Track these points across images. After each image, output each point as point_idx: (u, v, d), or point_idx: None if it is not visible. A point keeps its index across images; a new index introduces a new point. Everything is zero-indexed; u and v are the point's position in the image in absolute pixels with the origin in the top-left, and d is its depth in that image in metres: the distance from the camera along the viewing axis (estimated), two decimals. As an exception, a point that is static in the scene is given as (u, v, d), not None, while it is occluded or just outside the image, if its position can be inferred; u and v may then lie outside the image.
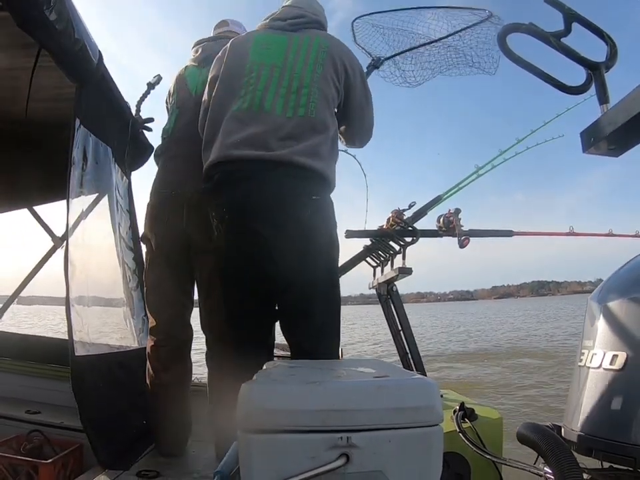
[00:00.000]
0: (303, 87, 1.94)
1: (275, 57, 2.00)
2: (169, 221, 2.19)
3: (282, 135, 1.86)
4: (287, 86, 1.94)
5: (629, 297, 1.42)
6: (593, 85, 1.35)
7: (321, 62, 2.00)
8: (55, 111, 2.75)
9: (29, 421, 2.56)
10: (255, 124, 1.88)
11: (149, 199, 2.30)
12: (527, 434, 1.45)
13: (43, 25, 1.75)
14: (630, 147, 1.27)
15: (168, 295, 2.25)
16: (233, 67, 2.03)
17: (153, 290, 2.30)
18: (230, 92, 1.97)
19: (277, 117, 1.89)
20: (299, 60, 1.99)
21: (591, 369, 1.44)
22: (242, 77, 1.97)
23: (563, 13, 1.34)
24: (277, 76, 1.96)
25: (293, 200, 1.84)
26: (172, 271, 2.24)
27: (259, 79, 1.95)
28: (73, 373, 1.98)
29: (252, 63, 1.99)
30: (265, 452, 0.89)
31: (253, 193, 1.81)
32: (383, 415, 0.91)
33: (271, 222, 1.81)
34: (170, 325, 2.26)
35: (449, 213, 2.60)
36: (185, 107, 2.32)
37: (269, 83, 1.95)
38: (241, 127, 1.88)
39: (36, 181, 3.45)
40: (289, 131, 1.87)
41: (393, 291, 2.57)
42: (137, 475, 1.98)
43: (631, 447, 1.25)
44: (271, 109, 1.90)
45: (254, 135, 1.85)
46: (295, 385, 0.97)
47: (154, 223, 2.26)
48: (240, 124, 1.89)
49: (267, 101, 1.91)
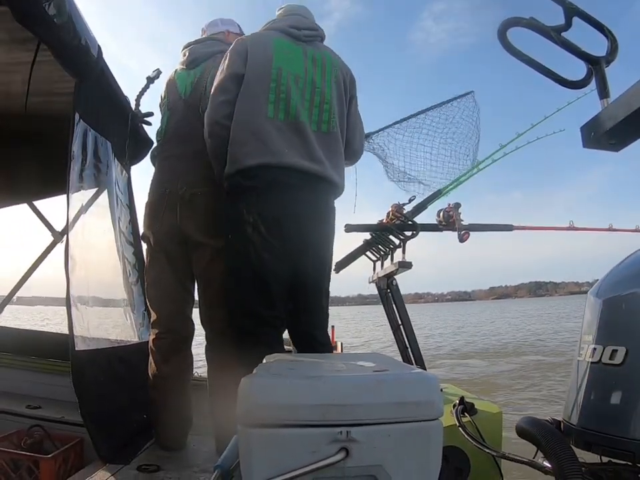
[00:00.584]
0: (325, 102, 2.10)
1: (296, 67, 2.09)
2: (164, 218, 2.23)
3: (318, 149, 2.04)
4: (310, 99, 2.08)
5: (628, 292, 1.41)
6: (594, 79, 1.34)
7: (334, 79, 2.16)
8: (55, 106, 2.74)
9: (30, 416, 2.57)
10: (295, 135, 2.02)
11: (148, 197, 2.35)
12: (527, 428, 1.45)
13: (42, 19, 1.75)
14: (630, 141, 1.27)
15: (168, 290, 2.28)
16: (258, 67, 2.05)
17: (153, 285, 2.33)
18: (258, 94, 2.03)
19: (311, 131, 2.06)
20: (317, 74, 2.12)
21: (590, 363, 1.44)
22: (268, 80, 2.03)
23: (564, 7, 1.34)
24: (301, 87, 2.07)
25: (327, 213, 2.12)
26: (171, 267, 2.27)
27: (289, 89, 2.04)
28: (74, 367, 1.98)
29: (278, 68, 2.05)
30: (265, 446, 0.89)
31: (299, 202, 2.00)
32: (383, 409, 0.92)
33: (312, 230, 2.04)
34: (171, 319, 2.29)
35: (449, 207, 2.59)
36: (175, 109, 2.37)
37: (297, 94, 2.05)
38: (283, 136, 2.00)
39: (35, 176, 3.45)
40: (322, 146, 2.07)
41: (392, 285, 2.57)
42: (137, 469, 1.99)
43: (629, 442, 1.25)
44: (305, 121, 2.04)
45: (299, 146, 2.01)
46: (295, 380, 0.97)
47: (151, 221, 2.30)
48: (281, 133, 2.00)
49: (300, 114, 2.04)
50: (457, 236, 2.58)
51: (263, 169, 1.96)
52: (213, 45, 2.44)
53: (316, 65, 2.14)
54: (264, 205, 1.96)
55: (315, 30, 2.22)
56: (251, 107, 2.03)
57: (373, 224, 2.66)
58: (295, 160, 1.98)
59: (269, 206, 1.97)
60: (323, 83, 2.12)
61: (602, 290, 1.54)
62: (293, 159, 1.98)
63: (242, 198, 2.00)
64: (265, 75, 2.04)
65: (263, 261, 1.95)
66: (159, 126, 2.43)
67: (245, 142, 1.99)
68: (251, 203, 1.97)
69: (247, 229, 1.95)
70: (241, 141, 2.00)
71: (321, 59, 2.16)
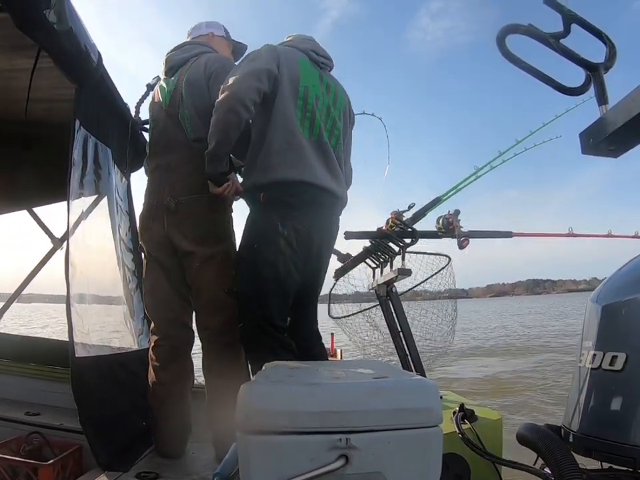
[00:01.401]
0: (336, 128, 2.22)
1: (317, 89, 2.17)
2: (153, 229, 2.25)
3: (339, 171, 2.20)
4: (325, 121, 2.17)
5: (628, 298, 1.41)
6: (592, 86, 1.35)
7: (342, 109, 2.29)
8: (55, 112, 2.75)
9: (29, 423, 2.56)
10: (322, 155, 2.13)
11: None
12: (527, 435, 1.45)
13: (42, 26, 1.75)
14: (629, 147, 1.27)
15: (164, 298, 2.29)
16: (290, 80, 2.10)
17: (149, 294, 2.35)
18: (290, 108, 2.08)
19: (333, 153, 2.18)
20: (330, 100, 2.22)
21: (590, 369, 1.44)
22: (296, 96, 2.10)
23: (562, 14, 1.34)
24: (319, 108, 2.15)
25: (337, 231, 2.33)
26: (166, 276, 2.29)
27: (314, 108, 2.12)
28: (73, 374, 1.98)
29: (305, 87, 2.12)
30: (264, 453, 0.89)
31: (328, 223, 2.21)
32: (382, 416, 0.92)
33: (329, 249, 2.33)
34: (168, 327, 2.30)
35: (449, 214, 2.59)
36: (158, 119, 2.39)
37: (319, 115, 2.14)
38: (314, 155, 2.10)
39: (35, 182, 3.46)
40: (340, 169, 2.21)
41: (392, 292, 2.56)
42: (136, 476, 1.98)
43: (630, 448, 1.24)
44: (327, 142, 2.16)
45: (326, 166, 2.13)
46: (294, 387, 0.97)
47: (143, 232, 2.32)
48: (311, 151, 2.09)
49: (323, 135, 2.14)
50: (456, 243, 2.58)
51: (302, 186, 2.04)
52: (190, 49, 2.42)
53: (329, 91, 2.23)
54: (300, 222, 2.05)
55: (329, 59, 2.30)
56: (286, 118, 2.07)
57: (373, 231, 2.65)
58: (327, 181, 2.10)
59: (305, 224, 2.06)
60: (334, 110, 2.22)
61: (602, 296, 1.54)
62: (324, 180, 2.09)
63: (278, 211, 2.04)
64: (294, 90, 2.10)
65: (289, 274, 2.04)
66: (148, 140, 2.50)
67: (283, 152, 2.05)
68: (287, 217, 2.03)
69: (280, 242, 2.01)
70: (279, 151, 2.04)
71: (334, 88, 2.26)
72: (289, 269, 2.04)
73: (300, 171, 2.04)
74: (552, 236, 2.86)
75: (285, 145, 2.04)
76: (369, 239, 2.65)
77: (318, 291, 2.39)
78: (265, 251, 2.03)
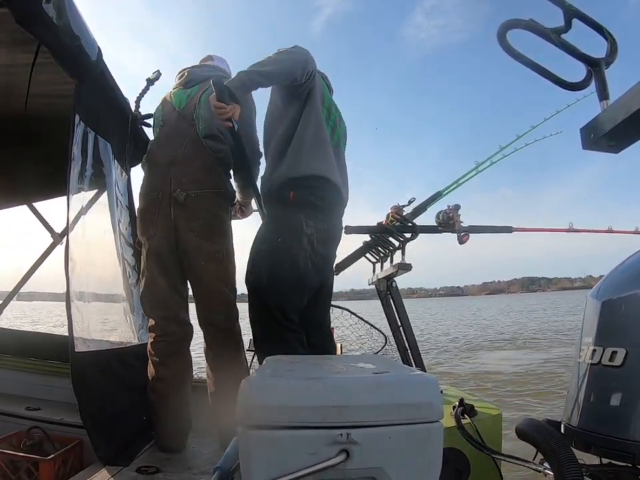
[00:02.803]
0: (343, 139, 2.41)
1: (333, 104, 2.38)
2: (159, 222, 2.27)
3: (347, 177, 2.36)
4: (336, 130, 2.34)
5: (628, 293, 1.41)
6: (593, 81, 1.34)
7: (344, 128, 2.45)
8: (55, 107, 2.73)
9: (29, 418, 2.56)
10: (338, 162, 2.29)
11: (138, 204, 2.40)
12: (526, 430, 1.46)
13: (42, 21, 1.75)
14: (630, 143, 1.27)
15: (162, 296, 2.32)
16: (320, 92, 2.29)
17: (147, 291, 2.36)
18: (321, 114, 2.26)
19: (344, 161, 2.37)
20: (338, 117, 2.39)
21: (590, 365, 1.44)
22: (323, 108, 2.29)
23: (563, 9, 1.34)
24: (338, 120, 2.36)
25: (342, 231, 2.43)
26: (165, 273, 2.31)
27: (336, 118, 2.35)
28: (73, 368, 1.98)
29: (328, 103, 2.34)
30: (265, 448, 0.89)
31: (340, 225, 2.37)
32: (383, 411, 0.92)
33: (336, 249, 2.40)
34: (166, 323, 2.32)
35: (449, 209, 2.59)
36: (169, 119, 2.44)
37: (339, 126, 2.36)
38: (336, 160, 2.27)
39: (35, 178, 3.45)
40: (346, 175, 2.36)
41: (392, 286, 2.57)
42: (136, 470, 1.99)
43: (629, 443, 1.25)
44: (343, 150, 2.38)
45: (342, 173, 2.30)
46: (295, 381, 0.97)
47: (145, 227, 2.33)
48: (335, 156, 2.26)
49: (341, 142, 2.38)
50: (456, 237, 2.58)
51: (327, 183, 2.18)
52: (211, 70, 2.56)
53: (337, 110, 2.40)
54: (322, 223, 2.17)
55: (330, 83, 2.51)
56: (318, 117, 2.24)
57: (373, 225, 2.65)
58: (340, 183, 2.24)
59: (325, 224, 2.19)
60: (340, 127, 2.39)
61: (602, 291, 1.54)
62: (339, 181, 2.24)
63: (305, 211, 2.14)
64: (322, 96, 2.30)
65: (308, 271, 2.13)
66: (152, 140, 2.54)
67: (315, 148, 2.19)
68: (311, 217, 2.13)
69: (303, 240, 2.11)
70: (311, 145, 2.18)
71: (338, 110, 2.42)
72: (308, 266, 2.12)
73: (326, 168, 2.18)
74: (552, 231, 2.86)
75: (315, 141, 2.18)
76: (369, 234, 2.65)
77: (329, 289, 2.45)
78: (288, 246, 2.10)
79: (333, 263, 2.47)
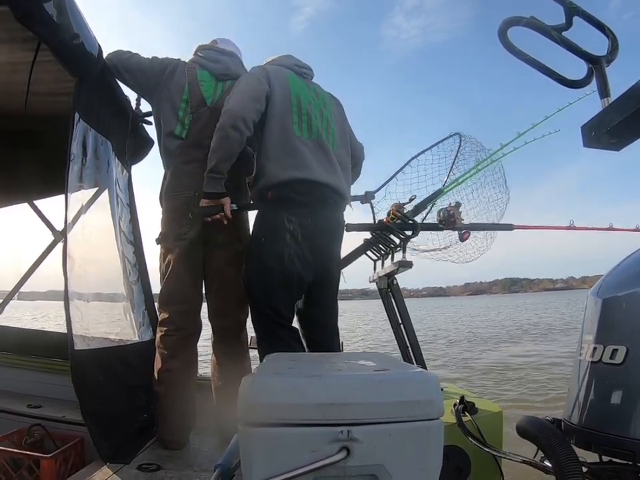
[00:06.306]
0: (330, 127, 2.40)
1: (308, 96, 2.37)
2: (194, 220, 2.29)
3: (337, 167, 2.32)
4: (321, 121, 2.35)
5: (628, 292, 1.41)
6: (594, 78, 1.34)
7: (332, 109, 2.49)
8: (55, 105, 2.73)
9: (30, 415, 2.57)
10: (320, 151, 2.28)
11: (166, 201, 2.38)
12: (527, 427, 1.46)
13: (42, 18, 1.75)
14: (631, 140, 1.27)
15: (184, 291, 2.35)
16: (281, 93, 2.28)
17: (169, 285, 2.37)
18: (284, 115, 2.25)
19: (331, 149, 2.33)
20: (320, 104, 2.41)
21: (590, 363, 1.44)
22: (289, 105, 2.28)
23: (565, 6, 1.34)
24: (314, 112, 2.33)
25: (343, 227, 2.43)
26: (189, 268, 2.35)
27: (310, 111, 2.31)
28: (73, 366, 1.98)
29: (297, 96, 2.32)
30: (266, 445, 0.89)
31: (331, 219, 2.33)
32: (384, 408, 0.92)
33: (336, 244, 2.40)
34: (182, 319, 2.35)
35: (450, 207, 2.59)
36: (199, 114, 2.40)
37: (315, 116, 2.32)
38: (312, 153, 2.25)
39: (36, 176, 3.45)
40: (339, 164, 2.35)
41: (393, 284, 2.57)
42: (137, 468, 1.99)
43: (630, 441, 1.25)
44: (325, 140, 2.32)
45: (325, 162, 2.28)
46: (296, 378, 0.96)
47: (178, 223, 2.33)
48: (309, 149, 2.25)
49: (322, 133, 2.31)
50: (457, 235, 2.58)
51: (305, 184, 2.18)
52: (239, 67, 2.59)
53: (318, 97, 2.43)
54: (307, 218, 2.19)
55: (310, 69, 2.54)
56: (282, 126, 2.24)
57: (374, 223, 2.65)
58: (324, 176, 2.23)
59: (309, 219, 2.20)
60: (326, 111, 2.42)
61: (602, 289, 1.54)
62: (322, 175, 2.22)
63: (286, 207, 2.19)
64: (287, 100, 2.28)
65: (293, 266, 2.17)
66: (177, 125, 2.39)
67: (279, 157, 2.20)
68: (293, 213, 2.18)
69: (286, 236, 2.16)
70: (277, 159, 2.20)
71: (321, 93, 2.49)
72: (294, 262, 2.17)
73: (298, 171, 2.18)
74: (552, 229, 2.85)
75: (280, 149, 2.20)
76: (370, 231, 2.65)
77: (332, 287, 2.46)
78: (272, 244, 2.16)
79: (332, 257, 2.42)
